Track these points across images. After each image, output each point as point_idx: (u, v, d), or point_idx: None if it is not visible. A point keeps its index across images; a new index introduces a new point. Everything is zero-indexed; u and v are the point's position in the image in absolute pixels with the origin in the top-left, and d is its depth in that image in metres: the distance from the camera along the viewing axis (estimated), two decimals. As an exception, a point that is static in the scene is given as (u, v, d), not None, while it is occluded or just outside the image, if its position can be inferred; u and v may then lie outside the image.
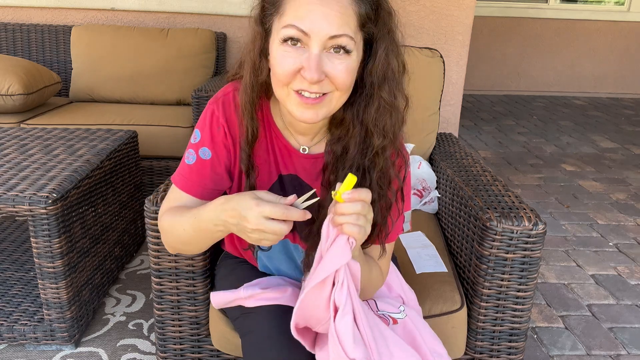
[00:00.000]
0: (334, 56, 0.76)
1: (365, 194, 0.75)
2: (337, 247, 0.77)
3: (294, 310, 0.81)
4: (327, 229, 0.78)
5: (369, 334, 0.83)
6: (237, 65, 0.93)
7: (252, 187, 0.92)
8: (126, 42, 2.70)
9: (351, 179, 0.74)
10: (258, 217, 0.72)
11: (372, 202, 0.83)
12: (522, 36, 5.46)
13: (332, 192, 0.76)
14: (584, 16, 5.41)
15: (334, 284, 0.79)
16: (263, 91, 0.88)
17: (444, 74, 1.70)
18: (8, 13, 2.91)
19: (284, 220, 0.74)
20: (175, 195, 0.94)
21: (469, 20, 2.76)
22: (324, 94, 0.79)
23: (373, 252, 0.96)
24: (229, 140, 0.91)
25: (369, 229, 0.78)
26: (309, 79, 0.75)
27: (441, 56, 1.69)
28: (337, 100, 0.81)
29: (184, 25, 2.95)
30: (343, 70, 0.77)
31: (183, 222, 0.86)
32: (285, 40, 0.76)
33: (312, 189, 0.89)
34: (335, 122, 0.90)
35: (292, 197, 0.76)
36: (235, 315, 1.03)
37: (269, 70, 0.83)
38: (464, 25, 2.77)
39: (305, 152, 0.94)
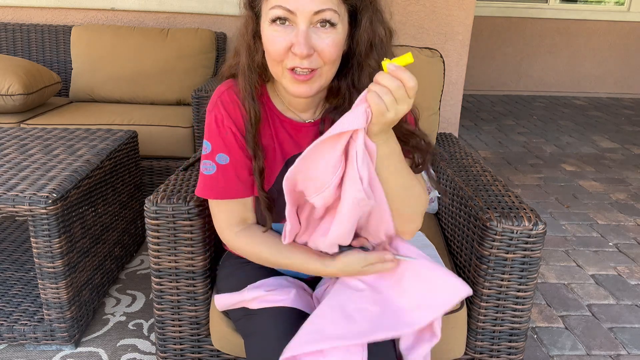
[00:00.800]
0: (321, 30, 0.81)
1: (408, 78, 0.74)
2: (354, 112, 0.78)
3: (295, 164, 0.82)
4: (362, 95, 0.79)
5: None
6: (232, 55, 0.96)
7: (260, 170, 0.94)
8: (126, 42, 2.70)
9: (407, 57, 0.75)
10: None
11: None
12: (522, 36, 5.46)
13: (384, 60, 0.75)
14: (584, 16, 5.41)
15: (346, 158, 0.81)
16: (259, 75, 0.92)
17: (444, 74, 1.70)
18: (8, 13, 2.91)
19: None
20: (225, 208, 0.97)
21: (469, 20, 2.77)
22: (313, 70, 0.83)
23: None
24: (239, 139, 0.94)
25: (391, 113, 0.76)
26: (299, 53, 0.80)
27: (441, 56, 1.68)
28: (326, 73, 0.85)
29: (184, 25, 2.95)
30: (330, 44, 0.81)
31: (279, 258, 0.94)
32: (274, 21, 0.81)
33: None
34: (333, 92, 0.94)
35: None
36: (238, 316, 1.03)
37: (264, 52, 0.87)
38: (464, 25, 2.77)
39: (311, 121, 0.97)
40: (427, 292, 0.92)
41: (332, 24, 0.81)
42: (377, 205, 0.87)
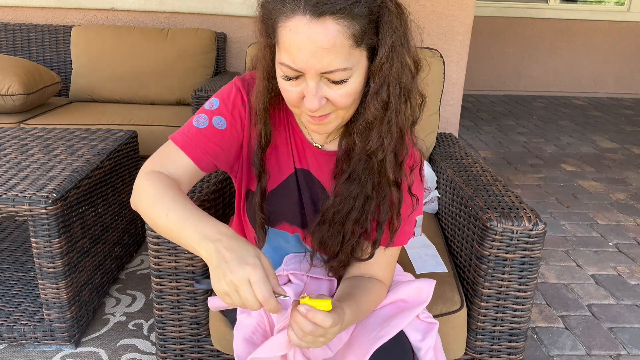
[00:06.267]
0: (332, 84, 0.76)
1: (321, 318, 0.73)
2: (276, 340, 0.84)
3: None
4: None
5: None
6: (253, 63, 0.90)
7: (262, 191, 0.91)
8: (126, 42, 2.70)
9: (326, 305, 0.74)
10: (244, 275, 0.66)
11: (379, 200, 0.86)
12: (522, 36, 5.46)
13: (301, 296, 0.75)
14: (584, 16, 5.41)
15: None
16: (277, 95, 0.87)
17: (444, 74, 1.70)
18: (8, 13, 2.91)
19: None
20: (170, 154, 0.86)
21: (469, 20, 2.76)
22: (327, 114, 0.80)
23: (376, 269, 0.95)
24: (247, 122, 0.90)
25: (319, 344, 0.76)
26: (309, 108, 0.77)
27: (441, 56, 1.68)
28: (342, 116, 0.81)
29: (184, 25, 2.95)
30: (343, 95, 0.77)
31: (170, 207, 0.76)
32: (283, 77, 0.78)
33: (321, 184, 0.92)
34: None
35: (286, 288, 0.80)
36: (233, 317, 1.04)
37: None
38: (464, 25, 2.77)
39: (320, 148, 0.94)
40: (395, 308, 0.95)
41: (342, 82, 0.75)
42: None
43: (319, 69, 0.73)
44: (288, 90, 0.78)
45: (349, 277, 0.96)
